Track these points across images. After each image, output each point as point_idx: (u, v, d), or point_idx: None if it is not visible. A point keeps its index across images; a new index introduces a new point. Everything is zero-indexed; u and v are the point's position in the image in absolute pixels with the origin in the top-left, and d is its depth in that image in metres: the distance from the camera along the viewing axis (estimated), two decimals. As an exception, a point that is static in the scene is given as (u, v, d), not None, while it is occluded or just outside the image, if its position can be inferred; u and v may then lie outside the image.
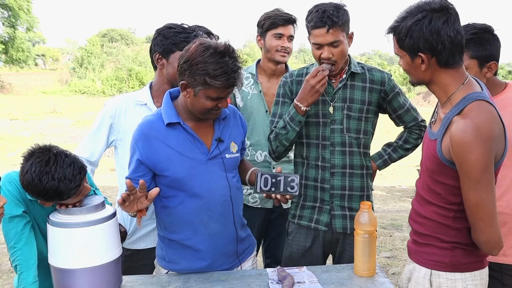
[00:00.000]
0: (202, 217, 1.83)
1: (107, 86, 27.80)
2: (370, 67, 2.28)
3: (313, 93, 2.06)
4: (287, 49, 2.65)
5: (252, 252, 2.07)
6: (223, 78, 1.65)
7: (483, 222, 1.50)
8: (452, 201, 1.59)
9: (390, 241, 5.03)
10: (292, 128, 2.15)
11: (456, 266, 1.63)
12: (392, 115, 2.32)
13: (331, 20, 2.01)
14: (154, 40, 2.28)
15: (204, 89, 1.69)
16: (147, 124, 1.83)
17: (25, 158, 1.68)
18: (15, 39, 27.09)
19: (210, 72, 1.65)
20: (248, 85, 2.78)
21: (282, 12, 2.68)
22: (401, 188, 8.21)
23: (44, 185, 1.60)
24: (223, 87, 1.68)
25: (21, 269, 1.69)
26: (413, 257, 1.76)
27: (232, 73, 1.66)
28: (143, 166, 1.81)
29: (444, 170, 1.56)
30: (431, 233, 1.67)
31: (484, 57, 2.01)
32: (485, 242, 1.53)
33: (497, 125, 1.49)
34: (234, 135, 1.94)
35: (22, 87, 28.20)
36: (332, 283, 1.80)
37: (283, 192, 1.78)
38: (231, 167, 1.90)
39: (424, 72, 1.58)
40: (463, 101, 1.51)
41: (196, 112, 1.79)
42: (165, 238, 1.92)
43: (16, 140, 11.99)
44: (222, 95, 1.72)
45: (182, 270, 1.90)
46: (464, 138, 1.44)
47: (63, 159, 1.65)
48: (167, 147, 1.79)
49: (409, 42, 1.54)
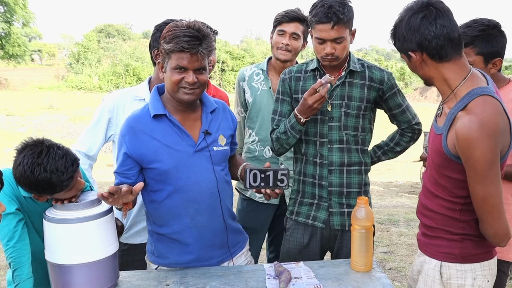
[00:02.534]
0: (188, 210, 1.84)
1: (104, 81, 27.70)
2: (370, 65, 2.26)
3: (311, 110, 2.06)
4: (287, 46, 2.62)
5: (244, 247, 2.07)
6: (174, 41, 1.68)
7: (490, 215, 1.52)
8: (459, 195, 1.61)
9: (387, 236, 5.04)
10: (293, 136, 2.17)
11: (465, 257, 1.65)
12: (387, 113, 2.32)
13: (336, 16, 2.00)
14: (152, 36, 2.28)
15: (168, 60, 1.73)
16: (134, 118, 1.84)
17: (18, 151, 1.68)
18: (11, 34, 26.93)
19: (167, 39, 1.70)
20: (258, 81, 2.78)
21: (294, 10, 2.65)
22: (398, 183, 8.22)
23: (36, 177, 1.60)
24: (176, 50, 1.69)
25: (14, 266, 1.69)
26: (423, 249, 1.78)
27: (183, 37, 1.68)
28: (130, 159, 1.81)
29: (450, 165, 1.57)
30: (439, 226, 1.69)
31: (490, 54, 2.03)
32: (493, 234, 1.56)
33: (502, 119, 1.49)
34: (222, 128, 1.94)
35: (19, 83, 28.06)
36: (329, 278, 1.81)
37: (273, 187, 1.78)
38: (219, 160, 1.90)
39: (423, 69, 1.60)
40: (467, 97, 1.52)
41: (170, 92, 1.79)
42: (154, 233, 1.93)
43: (13, 136, 11.94)
44: (182, 64, 1.71)
45: (171, 265, 1.90)
46: (470, 134, 1.45)
47: (55, 151, 1.65)
48: (154, 140, 1.80)
49: (398, 44, 1.60)
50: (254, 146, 2.76)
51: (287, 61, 2.67)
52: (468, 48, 2.01)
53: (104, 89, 26.30)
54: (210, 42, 1.74)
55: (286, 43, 2.62)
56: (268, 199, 1.83)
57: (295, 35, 2.63)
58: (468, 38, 2.01)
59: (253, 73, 2.81)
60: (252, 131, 2.77)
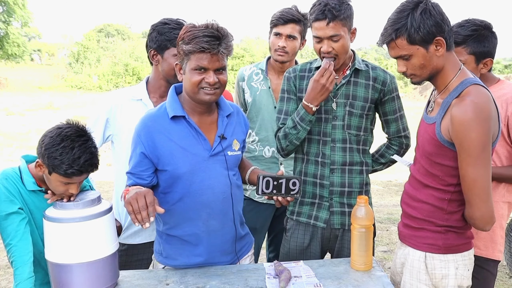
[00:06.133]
0: (201, 214, 1.83)
1: (104, 81, 27.73)
2: (374, 66, 2.26)
3: (324, 91, 2.05)
4: (284, 48, 2.61)
5: (250, 250, 2.07)
6: (194, 41, 1.66)
7: (479, 197, 1.60)
8: (450, 182, 1.69)
9: (387, 235, 5.04)
10: (303, 128, 2.14)
11: (448, 248, 1.74)
12: (381, 118, 2.30)
13: (331, 13, 2.00)
14: (149, 35, 2.26)
15: (187, 62, 1.70)
16: (151, 117, 1.82)
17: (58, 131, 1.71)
18: (11, 34, 26.92)
19: (186, 40, 1.68)
20: (257, 80, 2.77)
21: (289, 10, 2.63)
22: (398, 182, 8.22)
23: (88, 148, 1.71)
24: (197, 50, 1.66)
25: (16, 265, 1.69)
26: (406, 241, 1.85)
27: (203, 37, 1.65)
28: (147, 160, 1.79)
29: (443, 152, 1.66)
30: (424, 217, 1.76)
31: (482, 54, 2.07)
32: (479, 217, 1.63)
33: (493, 107, 1.60)
34: (236, 133, 1.93)
35: (18, 82, 28.07)
36: (329, 277, 1.81)
37: (285, 195, 1.77)
38: (232, 164, 1.89)
39: (439, 58, 1.65)
40: (461, 85, 1.63)
41: (190, 93, 1.76)
42: (163, 234, 1.92)
43: (13, 135, 11.95)
44: (202, 64, 1.68)
45: (179, 266, 1.90)
46: (465, 117, 1.54)
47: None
48: (170, 141, 1.78)
49: (423, 32, 1.60)
50: (254, 146, 2.76)
51: (285, 62, 2.67)
52: (461, 47, 2.06)
53: (103, 89, 26.32)
54: (230, 41, 1.72)
55: (283, 46, 2.61)
56: (279, 206, 1.83)
57: (291, 36, 2.61)
58: (460, 38, 2.05)
59: (253, 72, 2.81)
60: (252, 131, 2.76)
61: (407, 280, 1.81)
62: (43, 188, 1.81)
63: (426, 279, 1.76)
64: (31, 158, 1.86)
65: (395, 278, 1.95)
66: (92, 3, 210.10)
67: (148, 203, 1.55)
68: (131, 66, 28.09)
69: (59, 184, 1.71)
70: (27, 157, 1.87)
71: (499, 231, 2.10)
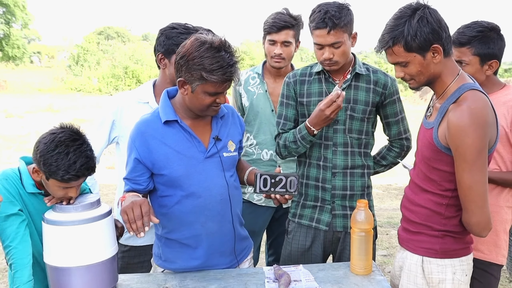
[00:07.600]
0: (199, 216, 1.82)
1: (103, 83, 27.76)
2: (375, 69, 2.26)
3: (327, 120, 2.06)
4: (280, 55, 2.61)
5: (250, 254, 2.07)
6: (220, 72, 1.64)
7: (474, 203, 1.59)
8: (447, 187, 1.68)
9: (387, 239, 5.03)
10: (303, 145, 2.17)
11: (446, 252, 1.73)
12: (382, 120, 2.31)
13: (332, 21, 2.01)
14: (157, 39, 2.28)
15: (201, 84, 1.67)
16: (144, 123, 1.82)
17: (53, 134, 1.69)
18: (10, 36, 26.97)
19: (207, 67, 1.63)
20: (254, 84, 2.77)
21: (281, 15, 2.61)
22: (398, 186, 8.22)
23: (83, 153, 1.68)
24: (220, 81, 1.66)
25: (15, 268, 1.68)
26: (404, 244, 1.85)
27: (229, 67, 1.65)
28: (141, 165, 1.80)
29: (440, 157, 1.65)
30: (422, 222, 1.76)
31: (487, 55, 2.05)
32: (476, 223, 1.62)
33: (491, 112, 1.59)
34: (232, 134, 1.93)
35: (18, 84, 28.07)
36: (329, 282, 1.80)
37: (283, 193, 1.77)
38: (228, 165, 1.89)
39: (436, 65, 1.65)
40: (458, 91, 1.62)
41: (194, 109, 1.77)
42: (162, 237, 1.91)
43: (12, 138, 11.94)
44: (219, 90, 1.70)
45: (178, 269, 1.89)
46: (461, 123, 1.54)
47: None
48: (165, 146, 1.78)
49: (420, 39, 1.60)
50: (252, 150, 2.76)
51: (283, 67, 2.68)
52: (465, 47, 2.06)
53: (103, 91, 26.34)
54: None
55: (279, 53, 2.61)
56: (277, 204, 1.83)
57: (286, 43, 2.61)
58: (465, 38, 2.05)
59: (249, 77, 2.81)
60: (250, 135, 2.76)
61: (404, 284, 1.81)
62: (42, 191, 1.81)
63: (423, 284, 1.76)
64: (30, 159, 1.85)
65: (394, 282, 1.95)
66: (93, 6, 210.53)
67: (143, 213, 1.57)
68: (130, 68, 28.11)
69: (58, 189, 1.70)
70: (26, 158, 1.86)
71: (503, 235, 2.08)
